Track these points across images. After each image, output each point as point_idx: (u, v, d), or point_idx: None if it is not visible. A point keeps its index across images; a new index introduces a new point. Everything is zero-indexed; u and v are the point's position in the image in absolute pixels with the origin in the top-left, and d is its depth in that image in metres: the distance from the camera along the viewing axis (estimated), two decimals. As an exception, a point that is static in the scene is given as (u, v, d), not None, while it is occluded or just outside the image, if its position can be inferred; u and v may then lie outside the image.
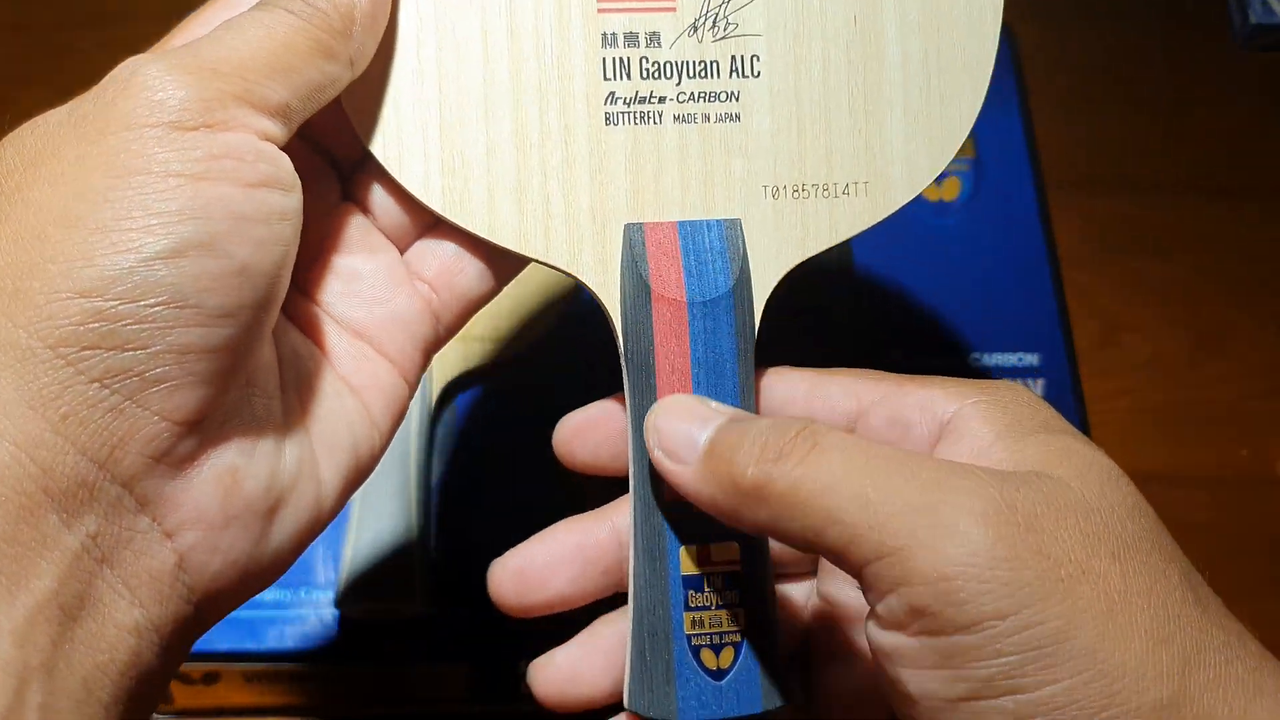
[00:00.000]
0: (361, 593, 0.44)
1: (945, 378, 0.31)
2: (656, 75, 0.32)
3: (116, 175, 0.25)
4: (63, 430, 0.24)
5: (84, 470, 0.24)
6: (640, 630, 0.31)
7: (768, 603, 0.31)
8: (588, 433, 0.34)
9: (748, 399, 0.31)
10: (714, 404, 0.30)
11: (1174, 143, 0.62)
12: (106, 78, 0.27)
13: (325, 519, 0.30)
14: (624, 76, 0.32)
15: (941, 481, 0.25)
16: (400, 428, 0.49)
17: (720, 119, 0.32)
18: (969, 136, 0.35)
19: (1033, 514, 0.25)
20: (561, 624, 0.35)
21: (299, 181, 0.28)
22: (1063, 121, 0.61)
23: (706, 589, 0.31)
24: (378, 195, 0.32)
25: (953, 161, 0.35)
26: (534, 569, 0.33)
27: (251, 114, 0.27)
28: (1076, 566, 0.24)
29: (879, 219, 0.33)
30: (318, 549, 0.47)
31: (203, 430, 0.26)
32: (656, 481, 0.31)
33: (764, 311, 0.32)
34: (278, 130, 0.28)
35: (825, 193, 0.33)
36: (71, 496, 0.24)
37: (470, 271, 0.33)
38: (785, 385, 0.33)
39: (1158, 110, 0.63)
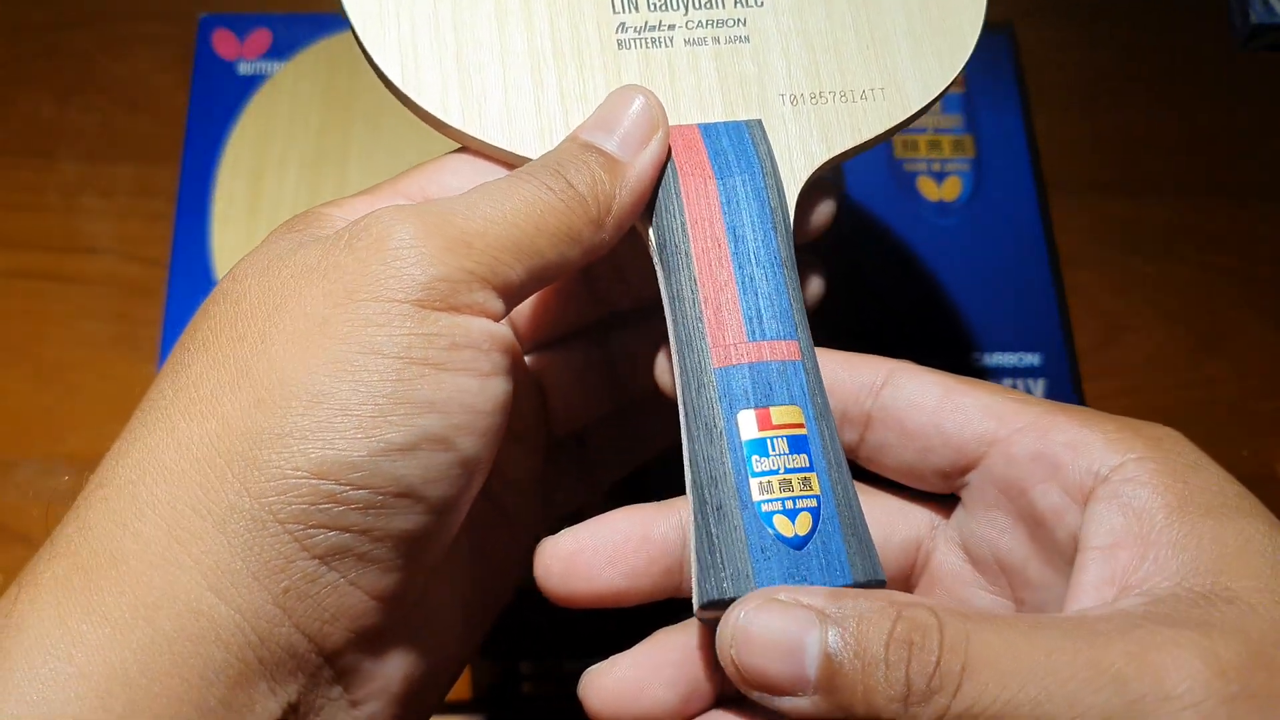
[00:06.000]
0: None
1: (1097, 413, 0.28)
2: (664, 7, 0.34)
3: (363, 352, 0.25)
4: (283, 603, 0.25)
5: (296, 642, 0.25)
6: (704, 510, 0.28)
7: (842, 467, 0.29)
8: (589, 557, 0.29)
9: (792, 276, 0.30)
10: (784, 595, 0.24)
11: (1174, 143, 0.62)
12: (361, 225, 0.26)
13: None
14: (632, 10, 0.33)
15: (1132, 676, 0.22)
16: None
17: (730, 41, 0.34)
18: (970, 135, 0.35)
19: (1238, 668, 0.22)
20: (573, 623, 0.35)
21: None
22: (1063, 121, 0.61)
23: (772, 453, 0.28)
24: None
25: (954, 161, 0.35)
26: (586, 555, 0.29)
27: (492, 297, 0.27)
28: None
29: (899, 120, 0.34)
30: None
31: (400, 607, 0.27)
32: (702, 348, 0.29)
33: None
34: (504, 310, 0.27)
35: (843, 98, 0.34)
36: (281, 666, 0.25)
37: None
38: (914, 387, 0.29)
39: (1158, 110, 0.63)
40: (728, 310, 0.29)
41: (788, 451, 0.28)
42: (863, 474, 0.31)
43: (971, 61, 0.35)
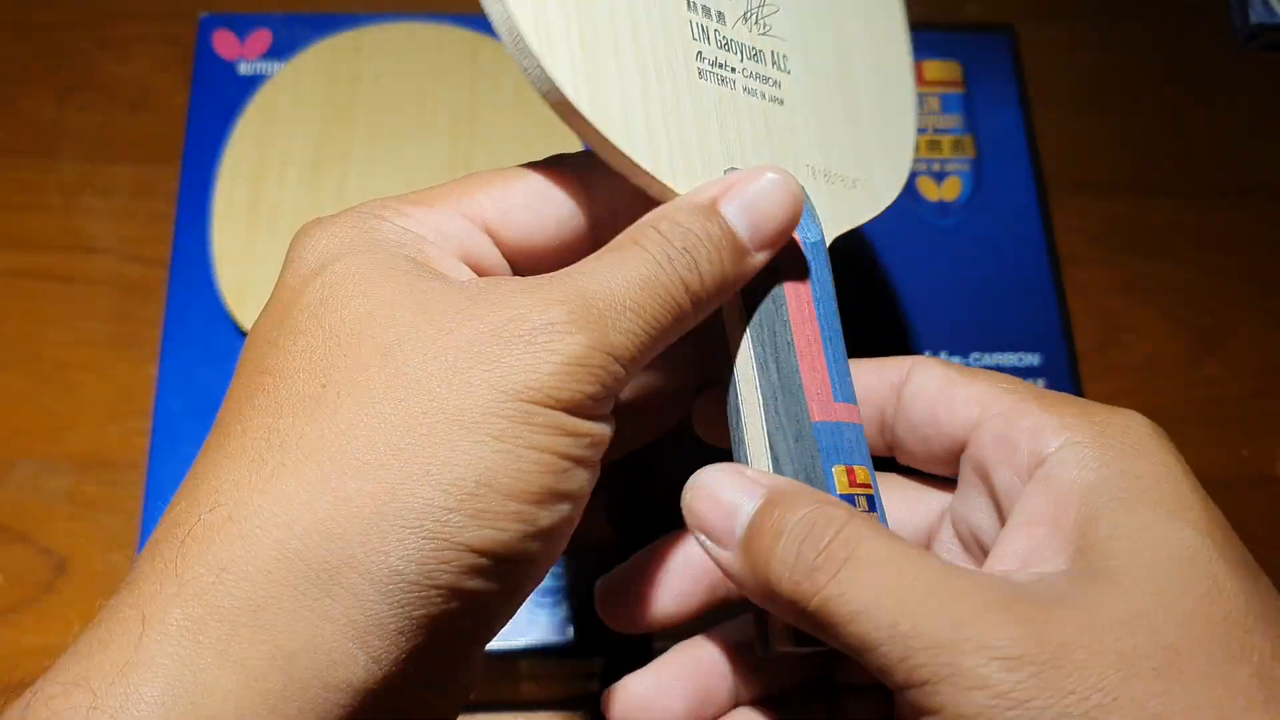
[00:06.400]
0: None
1: (1071, 399, 0.30)
2: (726, 48, 0.34)
3: (526, 446, 0.26)
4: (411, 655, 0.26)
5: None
6: None
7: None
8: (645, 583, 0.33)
9: (842, 359, 0.32)
10: (749, 472, 0.29)
11: (1174, 143, 0.62)
12: (525, 323, 0.27)
13: None
14: (706, 41, 0.34)
15: (969, 619, 0.25)
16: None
17: (772, 100, 0.35)
18: (970, 135, 0.35)
19: (1063, 645, 0.24)
20: (574, 623, 0.35)
21: None
22: (1063, 121, 0.61)
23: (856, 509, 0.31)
24: None
25: (954, 161, 0.36)
26: (644, 586, 0.32)
27: (612, 401, 0.28)
28: (1107, 695, 0.24)
29: (874, 214, 0.36)
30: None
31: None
32: (801, 400, 0.30)
33: None
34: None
35: (842, 182, 0.36)
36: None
37: None
38: (923, 377, 0.32)
39: (1158, 110, 0.63)
40: (819, 369, 0.31)
41: (867, 509, 0.30)
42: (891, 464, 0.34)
43: (972, 61, 0.36)
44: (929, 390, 0.31)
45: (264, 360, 0.27)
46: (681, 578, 0.32)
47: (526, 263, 0.31)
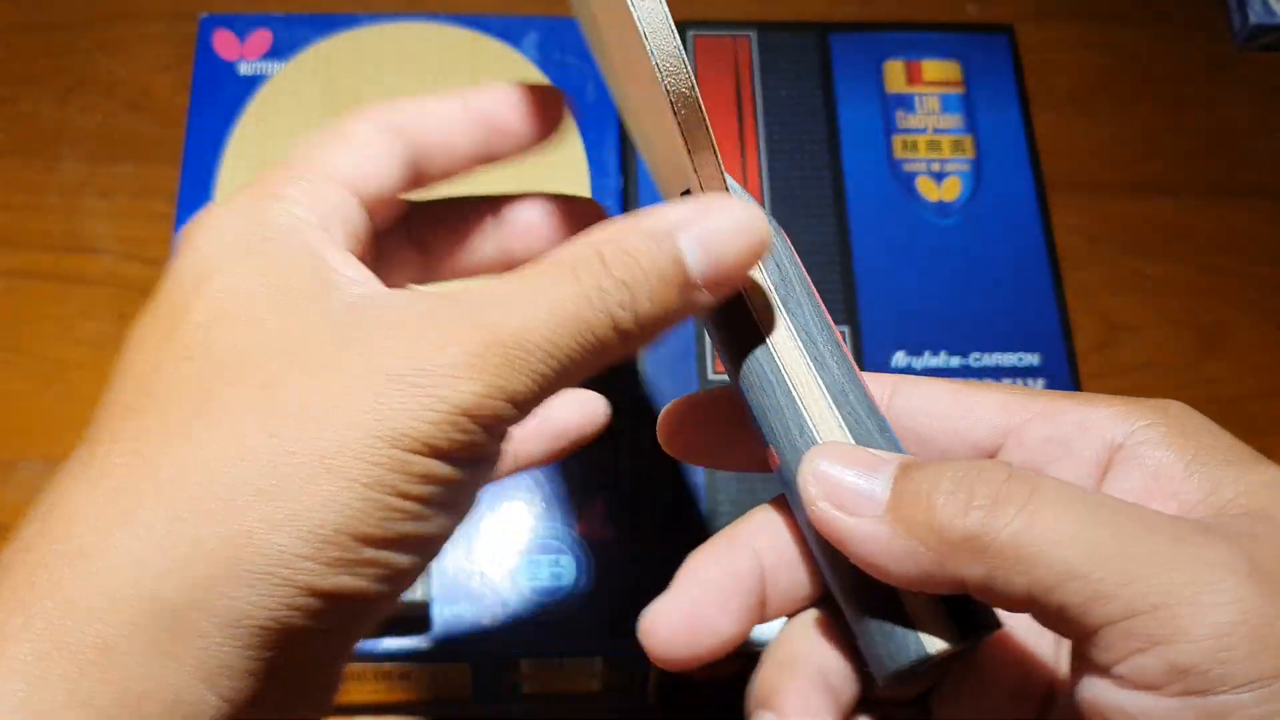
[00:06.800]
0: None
1: (1101, 395, 0.28)
2: None
3: (369, 496, 0.24)
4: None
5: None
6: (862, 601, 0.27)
7: None
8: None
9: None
10: (877, 451, 0.26)
11: (1174, 143, 0.62)
12: (414, 359, 0.25)
13: None
14: None
15: (1185, 536, 0.23)
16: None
17: None
18: (970, 135, 0.35)
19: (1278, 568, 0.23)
20: (573, 622, 0.35)
21: None
22: (1063, 121, 0.61)
23: None
24: None
25: (954, 162, 0.35)
26: (700, 613, 0.28)
27: (500, 440, 0.26)
28: None
29: None
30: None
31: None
32: (866, 394, 0.28)
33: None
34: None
35: None
36: None
37: None
38: (922, 394, 0.30)
39: (1158, 110, 0.63)
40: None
41: None
42: None
43: (972, 61, 0.35)
44: (939, 404, 0.29)
45: (147, 381, 0.27)
46: (735, 594, 0.28)
47: (382, 211, 0.30)
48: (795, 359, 0.28)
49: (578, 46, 0.59)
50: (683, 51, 0.26)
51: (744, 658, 0.47)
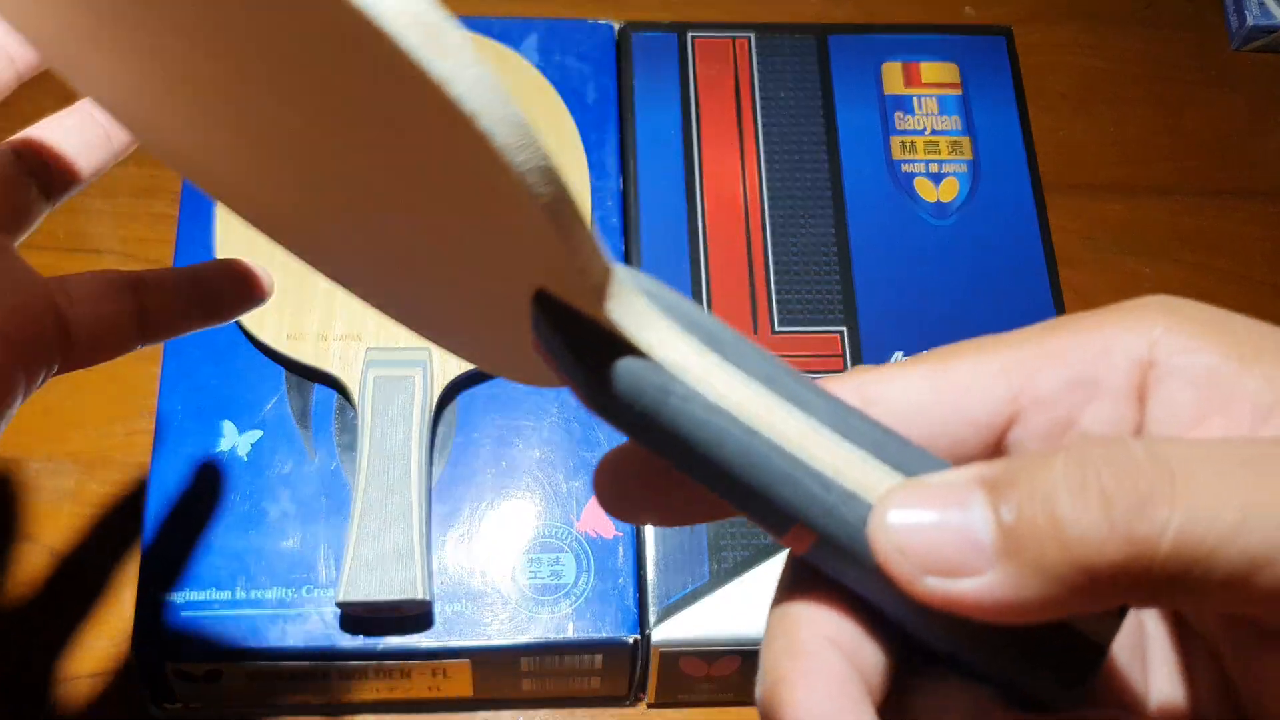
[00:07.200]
0: (363, 590, 0.44)
1: (1076, 316, 0.25)
2: None
3: None
4: None
5: None
6: None
7: None
8: None
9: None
10: (938, 476, 0.21)
11: (1172, 143, 0.62)
12: None
13: None
14: None
15: None
16: (401, 427, 0.49)
17: None
18: (967, 137, 0.35)
19: None
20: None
21: None
22: (1060, 123, 0.61)
23: None
24: None
25: (951, 163, 0.35)
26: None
27: None
28: None
29: None
30: (319, 547, 0.47)
31: None
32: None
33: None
34: None
35: None
36: None
37: None
38: (897, 391, 0.24)
39: (1154, 112, 0.63)
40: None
41: None
42: None
43: (969, 63, 0.34)
44: (921, 396, 0.25)
45: None
46: (860, 697, 0.22)
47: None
48: (769, 410, 0.22)
49: (577, 48, 0.59)
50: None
51: (743, 656, 0.48)
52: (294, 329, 0.50)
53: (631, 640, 0.46)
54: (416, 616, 0.46)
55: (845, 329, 0.53)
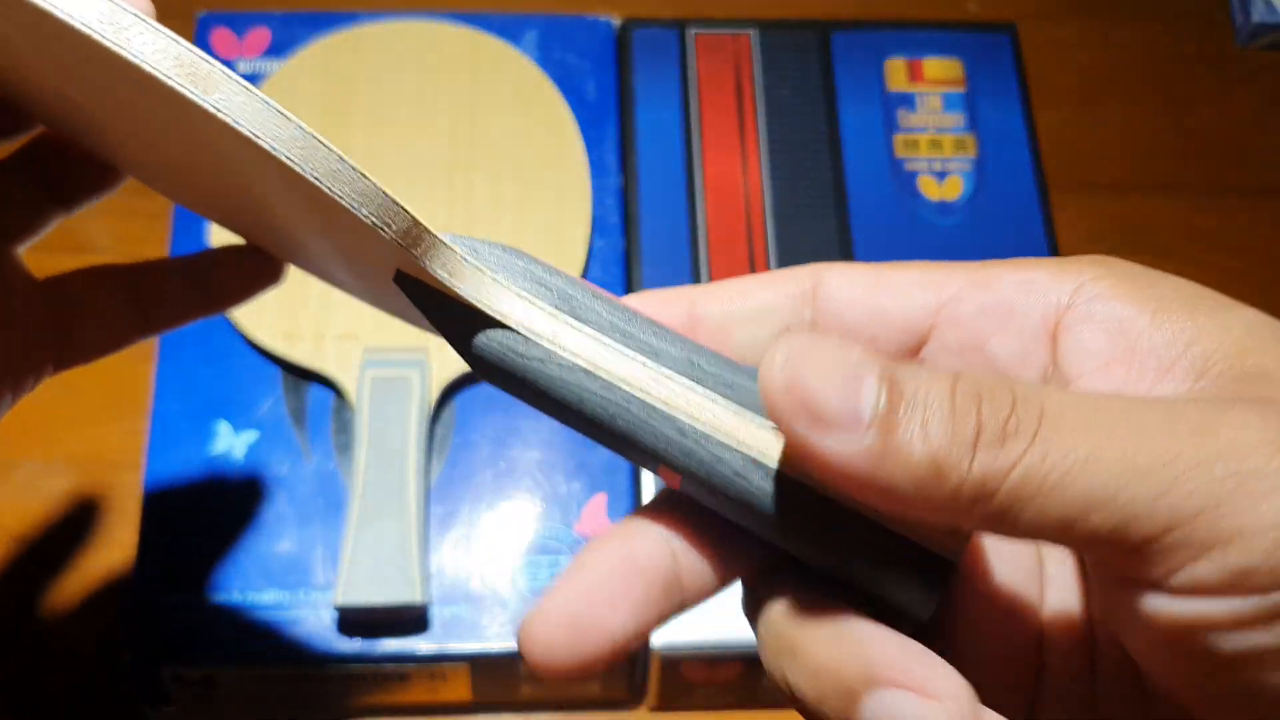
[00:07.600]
0: (360, 593, 0.44)
1: (1032, 259, 0.26)
2: None
3: None
4: None
5: None
6: None
7: None
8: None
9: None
10: (859, 349, 0.21)
11: (1176, 142, 0.62)
12: None
13: None
14: None
15: (1209, 422, 0.21)
16: (399, 427, 0.49)
17: None
18: (971, 134, 0.34)
19: None
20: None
21: None
22: (1065, 120, 0.61)
23: None
24: None
25: (955, 161, 0.34)
26: (585, 609, 0.24)
27: None
28: None
29: None
30: (316, 549, 0.47)
31: None
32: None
33: None
34: None
35: None
36: None
37: None
38: (843, 279, 0.26)
39: (1160, 109, 0.62)
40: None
41: None
42: None
43: (973, 59, 0.34)
44: (859, 290, 0.26)
45: None
46: (633, 585, 0.24)
47: None
48: (621, 363, 0.23)
49: (577, 44, 0.58)
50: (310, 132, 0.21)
51: (745, 660, 0.47)
52: (290, 329, 0.50)
53: (632, 643, 0.46)
54: (414, 619, 0.46)
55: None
